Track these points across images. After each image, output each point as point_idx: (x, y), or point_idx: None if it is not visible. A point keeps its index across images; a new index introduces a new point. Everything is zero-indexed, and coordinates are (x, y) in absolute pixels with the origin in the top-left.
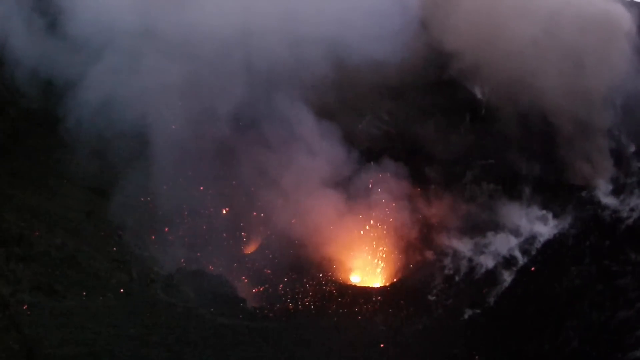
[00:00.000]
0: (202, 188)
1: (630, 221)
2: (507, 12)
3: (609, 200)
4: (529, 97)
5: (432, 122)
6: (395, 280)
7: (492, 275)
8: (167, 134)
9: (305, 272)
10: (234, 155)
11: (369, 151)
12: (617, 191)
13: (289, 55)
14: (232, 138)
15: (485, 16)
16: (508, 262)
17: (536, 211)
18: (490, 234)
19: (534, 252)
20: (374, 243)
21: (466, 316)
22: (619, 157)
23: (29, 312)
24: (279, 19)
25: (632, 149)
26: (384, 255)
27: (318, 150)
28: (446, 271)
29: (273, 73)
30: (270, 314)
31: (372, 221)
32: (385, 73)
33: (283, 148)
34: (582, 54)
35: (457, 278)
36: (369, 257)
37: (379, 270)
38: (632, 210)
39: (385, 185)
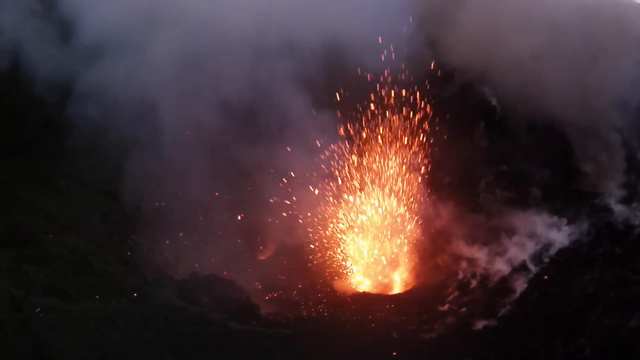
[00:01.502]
0: (217, 193)
1: None
2: (507, 26)
3: (621, 207)
4: (533, 109)
5: (445, 128)
6: (408, 288)
7: (505, 283)
8: (183, 139)
9: (319, 279)
10: (251, 161)
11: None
12: (630, 199)
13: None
14: (249, 144)
15: (485, 31)
16: (522, 269)
17: (550, 218)
18: (504, 242)
19: (547, 260)
20: (388, 250)
21: (479, 324)
22: (632, 164)
23: (41, 315)
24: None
25: None
26: (398, 263)
27: (335, 157)
28: (460, 279)
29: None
30: (284, 320)
31: (386, 229)
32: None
33: (301, 156)
34: (589, 65)
35: (470, 286)
36: (383, 264)
37: (392, 277)
38: None
39: (399, 192)
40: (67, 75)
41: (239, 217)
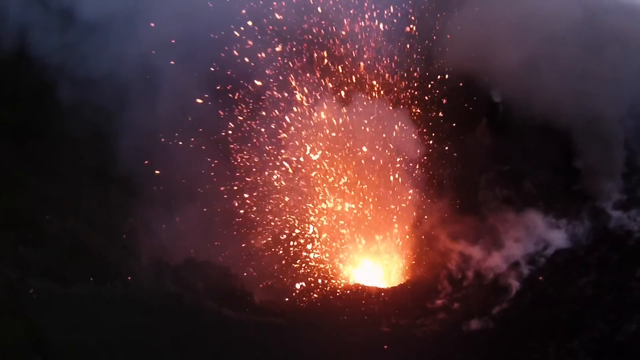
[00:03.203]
0: (215, 180)
1: None
2: (501, 33)
3: (620, 213)
4: (532, 112)
5: (447, 124)
6: (402, 282)
7: (501, 282)
8: (182, 126)
9: (313, 269)
10: (249, 149)
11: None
12: (629, 204)
13: None
14: (249, 131)
15: (479, 38)
16: (518, 269)
17: (548, 219)
18: (500, 240)
19: (543, 261)
20: (384, 244)
21: (472, 322)
22: (632, 170)
23: (35, 298)
24: None
25: None
26: (393, 257)
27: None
28: (454, 276)
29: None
30: (277, 310)
31: (382, 222)
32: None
33: (299, 145)
34: (589, 74)
35: (464, 284)
36: (378, 257)
37: (386, 271)
38: None
39: (398, 186)
40: (70, 60)
41: (236, 204)
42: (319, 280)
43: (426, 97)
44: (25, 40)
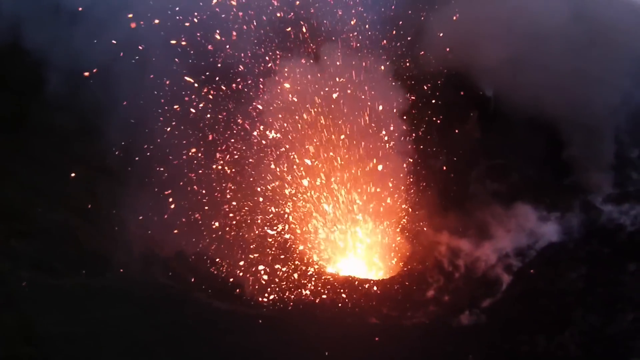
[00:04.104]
0: (205, 171)
1: (632, 229)
2: (491, 27)
3: (612, 207)
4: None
5: (438, 118)
6: (392, 274)
7: (490, 275)
8: (174, 120)
9: (303, 262)
10: (242, 140)
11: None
12: (621, 199)
13: None
14: (241, 122)
15: (470, 30)
16: (507, 262)
17: (539, 213)
18: (490, 234)
19: (534, 254)
20: (373, 236)
21: (462, 315)
22: (626, 163)
23: (27, 290)
24: None
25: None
26: (383, 249)
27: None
28: (445, 269)
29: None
30: (268, 302)
31: (372, 214)
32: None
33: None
34: (580, 69)
35: (455, 276)
36: (368, 249)
37: (376, 263)
38: (635, 217)
39: (388, 178)
40: (60, 52)
41: (228, 196)
42: (309, 272)
43: (416, 91)
44: (16, 32)
